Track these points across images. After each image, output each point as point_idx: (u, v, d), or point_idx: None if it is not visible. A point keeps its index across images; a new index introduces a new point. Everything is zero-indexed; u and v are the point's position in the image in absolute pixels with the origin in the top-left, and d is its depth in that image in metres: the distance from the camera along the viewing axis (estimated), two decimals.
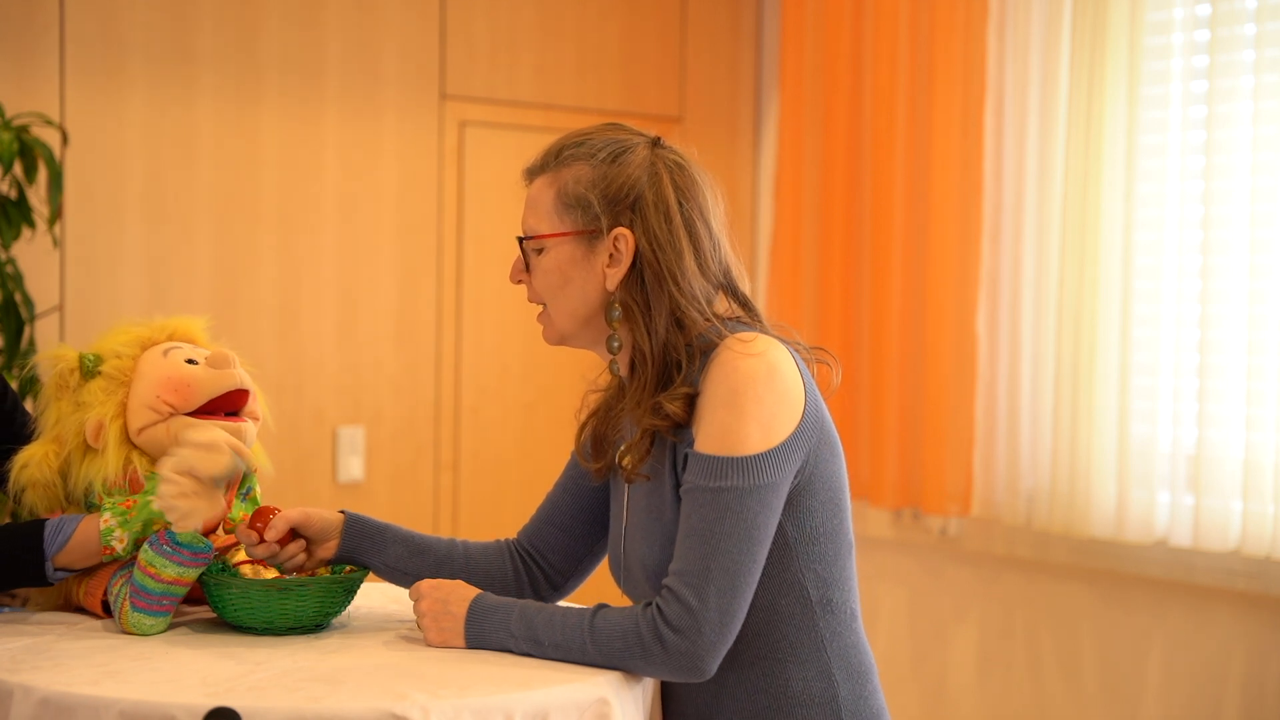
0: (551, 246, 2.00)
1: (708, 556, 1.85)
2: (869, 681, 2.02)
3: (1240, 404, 3.72)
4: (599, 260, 1.98)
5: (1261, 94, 3.70)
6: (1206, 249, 3.79)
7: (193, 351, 2.22)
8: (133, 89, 3.91)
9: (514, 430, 4.56)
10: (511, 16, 4.53)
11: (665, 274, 1.96)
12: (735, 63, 4.97)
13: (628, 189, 1.97)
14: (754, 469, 1.87)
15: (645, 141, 2.02)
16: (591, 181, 1.98)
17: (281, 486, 4.12)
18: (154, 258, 3.96)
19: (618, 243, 1.97)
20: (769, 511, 1.88)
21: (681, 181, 2.00)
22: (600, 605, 1.95)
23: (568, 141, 2.02)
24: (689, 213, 1.99)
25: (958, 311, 4.26)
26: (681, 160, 2.02)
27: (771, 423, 1.88)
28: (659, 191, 1.97)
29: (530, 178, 2.06)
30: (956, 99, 4.27)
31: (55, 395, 2.20)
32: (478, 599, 1.97)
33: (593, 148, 2.00)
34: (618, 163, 1.98)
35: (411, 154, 4.36)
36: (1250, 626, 3.80)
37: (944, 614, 4.49)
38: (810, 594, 1.96)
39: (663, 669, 1.88)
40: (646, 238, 1.96)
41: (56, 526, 2.11)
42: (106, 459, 2.14)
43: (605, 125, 2.05)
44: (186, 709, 1.68)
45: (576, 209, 1.98)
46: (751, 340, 1.92)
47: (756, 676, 1.96)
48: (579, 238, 1.98)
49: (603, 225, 1.97)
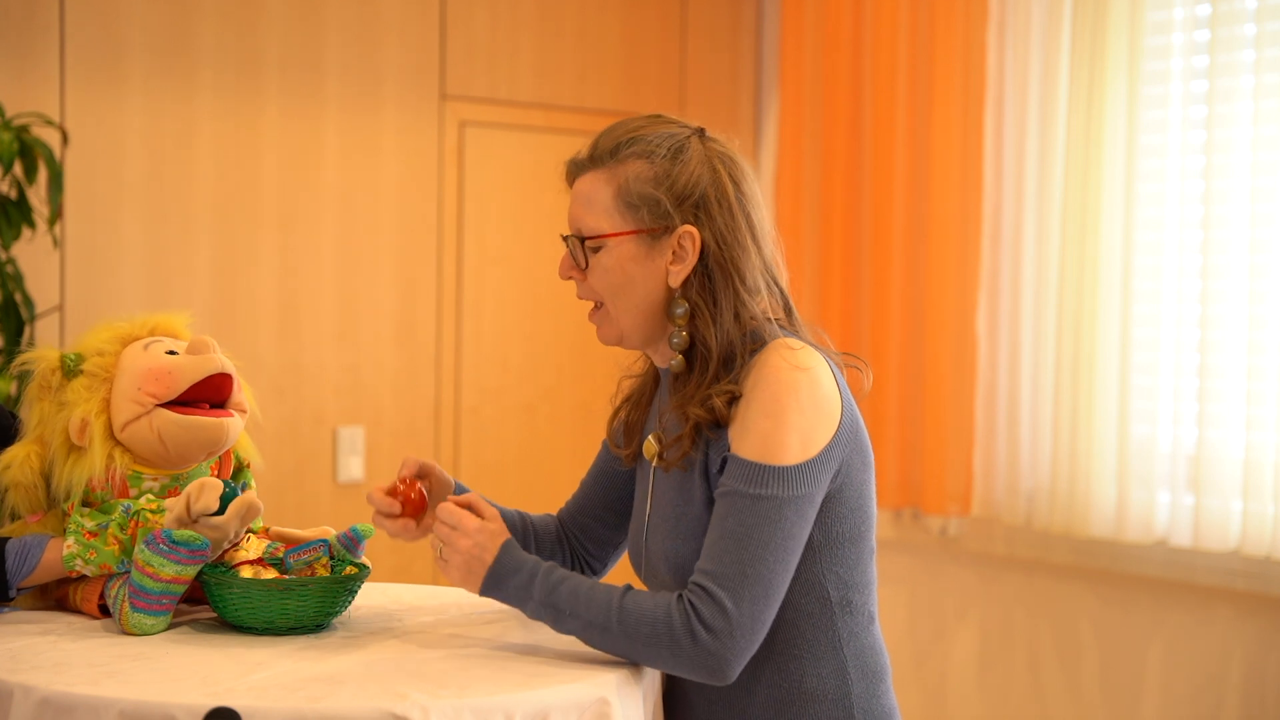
0: (614, 245, 1.98)
1: (744, 562, 1.86)
2: (882, 682, 2.03)
3: (1240, 404, 3.72)
4: (661, 258, 1.97)
5: (1261, 94, 3.70)
6: (1206, 249, 3.79)
7: (173, 344, 2.21)
8: (133, 89, 3.91)
9: (514, 430, 4.56)
10: (511, 17, 4.53)
11: (732, 269, 1.96)
12: (735, 63, 4.97)
13: (692, 186, 1.96)
14: (793, 479, 1.88)
15: (694, 134, 2.01)
16: (655, 179, 1.96)
17: (281, 486, 4.13)
18: (154, 258, 3.96)
19: (683, 240, 1.96)
20: (804, 522, 1.90)
21: (736, 175, 2.00)
22: (629, 586, 1.95)
23: (621, 137, 2.00)
24: (747, 207, 1.99)
25: (958, 311, 4.26)
26: (730, 152, 2.02)
27: (811, 434, 1.90)
28: (720, 188, 1.97)
29: (578, 172, 2.04)
30: (956, 99, 4.27)
31: (37, 396, 2.19)
32: (507, 549, 1.97)
33: (649, 144, 1.98)
34: (678, 160, 1.97)
35: (411, 154, 4.36)
36: (1250, 626, 3.80)
37: (944, 614, 4.49)
38: (830, 595, 1.98)
39: (688, 664, 1.88)
40: (713, 235, 1.96)
41: (21, 552, 2.10)
42: (91, 456, 2.13)
43: (651, 118, 2.03)
44: (186, 709, 1.68)
45: (642, 207, 1.96)
46: (798, 349, 1.94)
47: (771, 671, 1.97)
48: (641, 236, 1.97)
49: (673, 223, 1.96)
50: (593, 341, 2.13)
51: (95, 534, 2.09)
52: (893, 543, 4.55)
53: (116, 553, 2.08)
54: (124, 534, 2.09)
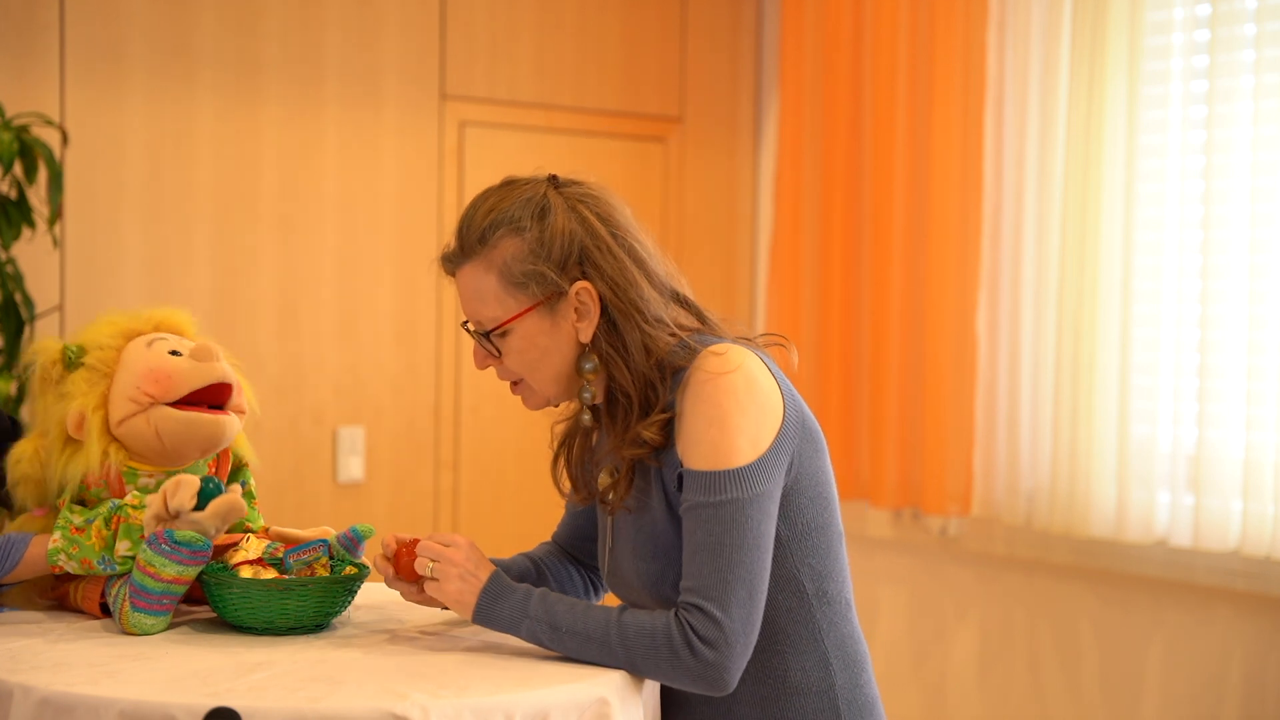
0: (517, 326, 1.99)
1: (723, 570, 1.88)
2: (864, 671, 2.05)
3: (1240, 404, 3.72)
4: (566, 322, 1.98)
5: (1261, 94, 3.69)
6: (1206, 249, 3.79)
7: (178, 343, 2.20)
8: (133, 89, 3.91)
9: (514, 430, 4.56)
10: (511, 16, 4.53)
11: (631, 310, 1.97)
12: (735, 63, 4.97)
13: (568, 244, 1.96)
14: (749, 479, 1.90)
15: (548, 186, 2.01)
16: (532, 252, 1.96)
17: (281, 487, 4.13)
18: (154, 258, 3.96)
19: (581, 296, 1.97)
20: (769, 518, 1.92)
21: (603, 212, 2.00)
22: (624, 605, 1.97)
23: (483, 221, 1.99)
24: (624, 239, 2.00)
25: (958, 311, 4.26)
26: (589, 191, 2.02)
27: (757, 432, 1.92)
28: (593, 234, 1.98)
29: (454, 266, 2.03)
30: (956, 99, 4.26)
31: (40, 389, 2.19)
32: (497, 574, 1.98)
33: (510, 218, 1.97)
34: (544, 223, 1.97)
35: (411, 154, 4.36)
36: (1250, 626, 3.80)
37: (944, 614, 4.49)
38: (806, 587, 2.00)
39: (688, 677, 1.89)
40: (604, 282, 1.97)
41: (4, 547, 2.10)
42: (87, 451, 2.13)
43: (502, 187, 2.03)
44: (186, 709, 1.68)
45: (529, 283, 1.96)
46: (724, 353, 1.95)
47: (755, 667, 1.98)
48: (540, 309, 1.98)
49: (564, 286, 1.96)
50: None
51: (82, 530, 2.09)
52: (893, 543, 4.55)
53: (98, 548, 2.08)
54: (108, 530, 2.09)
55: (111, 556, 2.07)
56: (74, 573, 2.11)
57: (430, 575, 2.00)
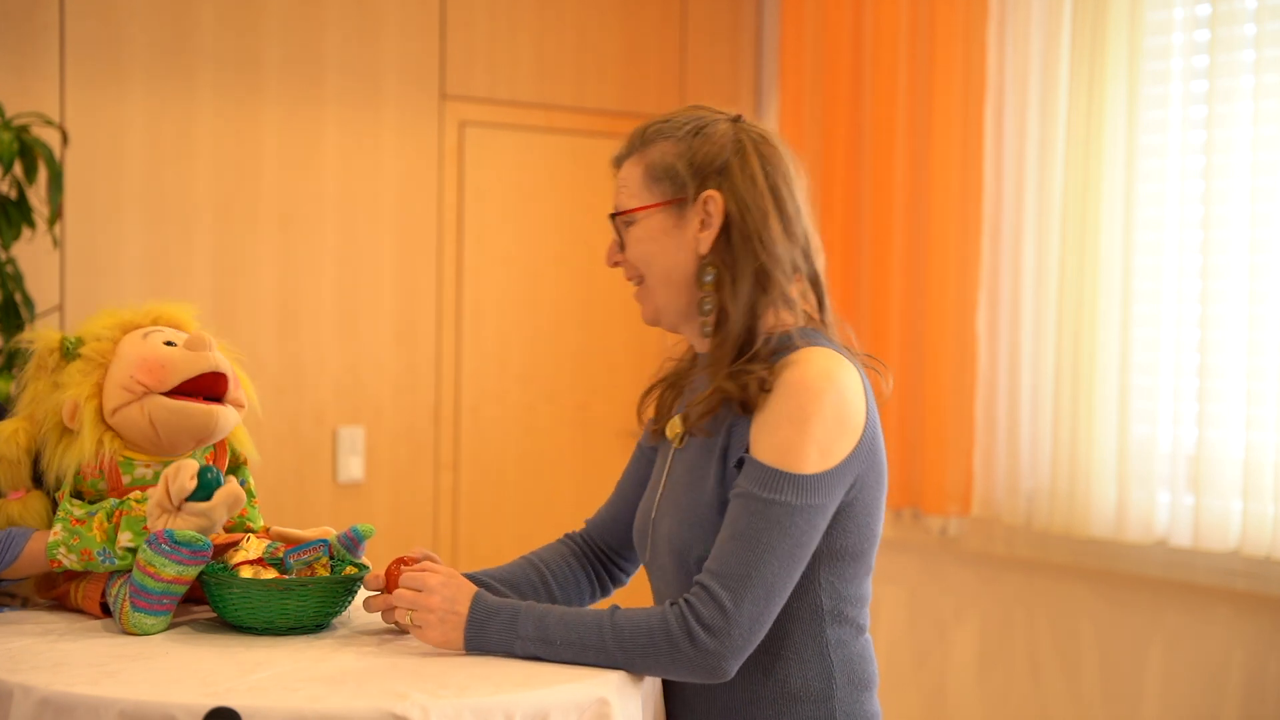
0: (642, 218, 2.05)
1: (750, 564, 1.89)
2: (867, 690, 2.05)
3: (1240, 404, 3.72)
4: (690, 228, 2.02)
5: (1261, 94, 3.70)
6: (1206, 249, 3.79)
7: (174, 335, 2.21)
8: (133, 89, 3.91)
9: (514, 430, 4.56)
10: (511, 17, 4.53)
11: (752, 234, 2.00)
12: (735, 63, 4.97)
13: (713, 157, 2.02)
14: (808, 488, 1.91)
15: (727, 118, 2.08)
16: (678, 153, 2.03)
17: (281, 487, 4.13)
18: (154, 258, 3.96)
19: (708, 205, 2.01)
20: (814, 531, 1.93)
21: (766, 151, 2.05)
22: (615, 606, 1.96)
23: (651, 123, 2.08)
24: (774, 179, 2.03)
25: (958, 311, 4.26)
26: (764, 133, 2.08)
27: (831, 445, 1.93)
28: (744, 159, 2.03)
29: (618, 164, 2.11)
30: (956, 99, 4.27)
31: (34, 375, 2.20)
32: (478, 598, 1.96)
33: (676, 125, 2.06)
34: (701, 135, 2.04)
35: (411, 154, 4.36)
36: (1250, 626, 3.80)
37: (944, 614, 4.49)
38: (823, 604, 2.00)
39: (686, 667, 1.89)
40: (734, 200, 2.01)
41: (5, 541, 2.10)
42: (81, 440, 2.13)
43: (688, 106, 2.12)
44: (186, 709, 1.68)
45: (665, 180, 2.03)
46: (828, 359, 1.96)
47: (759, 669, 1.98)
48: (669, 207, 2.03)
49: (690, 192, 2.02)
50: (592, 342, 2.14)
51: (83, 521, 2.09)
52: (893, 543, 4.55)
53: (99, 539, 2.08)
54: (110, 523, 2.09)
55: (113, 549, 2.07)
56: (72, 567, 2.10)
57: (411, 624, 1.97)
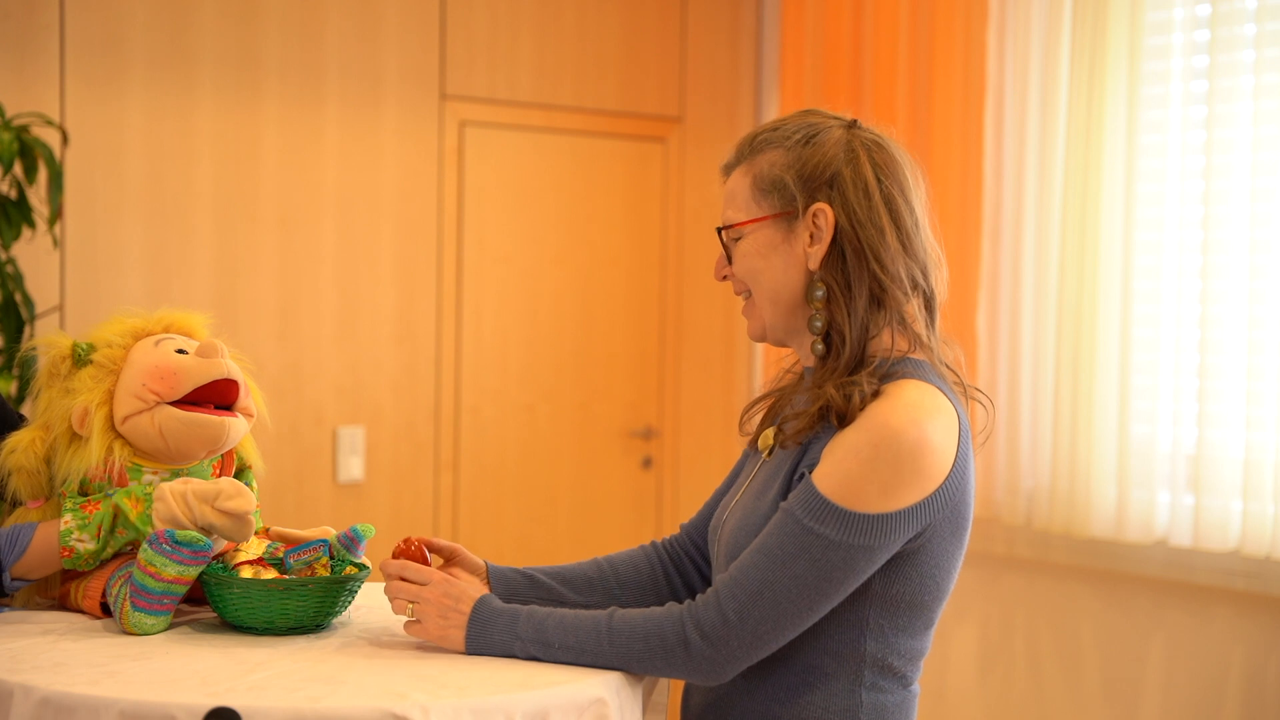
0: (750, 232, 1.97)
1: (765, 583, 1.83)
2: None
3: (1240, 404, 3.72)
4: (799, 242, 1.94)
5: (1261, 94, 3.70)
6: (1206, 249, 3.79)
7: (185, 343, 2.21)
8: (133, 89, 3.91)
9: (514, 430, 4.56)
10: (511, 17, 4.53)
11: (866, 250, 1.92)
12: (735, 63, 4.97)
13: (823, 167, 1.94)
14: (856, 527, 1.82)
15: (840, 123, 1.99)
16: (787, 164, 1.95)
17: (281, 487, 4.13)
18: (154, 257, 3.96)
19: (817, 219, 1.93)
20: (851, 571, 1.84)
21: (880, 159, 1.96)
22: (613, 609, 1.95)
23: (761, 130, 2.00)
24: (888, 189, 1.94)
25: (958, 311, 4.26)
26: (879, 139, 1.99)
27: (895, 491, 1.83)
28: (856, 168, 1.94)
29: (726, 173, 2.04)
30: (956, 99, 4.27)
31: (47, 382, 2.20)
32: (482, 600, 1.95)
33: (786, 133, 1.98)
34: (811, 144, 1.95)
35: (411, 154, 4.36)
36: (1250, 626, 3.80)
37: (944, 614, 4.49)
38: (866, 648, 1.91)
39: (683, 671, 1.88)
40: (846, 213, 1.92)
41: (11, 537, 2.10)
42: (91, 446, 2.13)
43: (800, 112, 2.03)
44: (186, 709, 1.68)
45: (773, 193, 1.95)
46: (926, 398, 1.89)
47: (782, 690, 1.93)
48: (777, 220, 1.95)
49: (798, 205, 1.94)
50: (592, 342, 2.14)
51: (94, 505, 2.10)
52: None
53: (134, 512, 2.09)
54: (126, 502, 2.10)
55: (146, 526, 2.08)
56: (84, 554, 2.10)
57: (410, 616, 1.97)
